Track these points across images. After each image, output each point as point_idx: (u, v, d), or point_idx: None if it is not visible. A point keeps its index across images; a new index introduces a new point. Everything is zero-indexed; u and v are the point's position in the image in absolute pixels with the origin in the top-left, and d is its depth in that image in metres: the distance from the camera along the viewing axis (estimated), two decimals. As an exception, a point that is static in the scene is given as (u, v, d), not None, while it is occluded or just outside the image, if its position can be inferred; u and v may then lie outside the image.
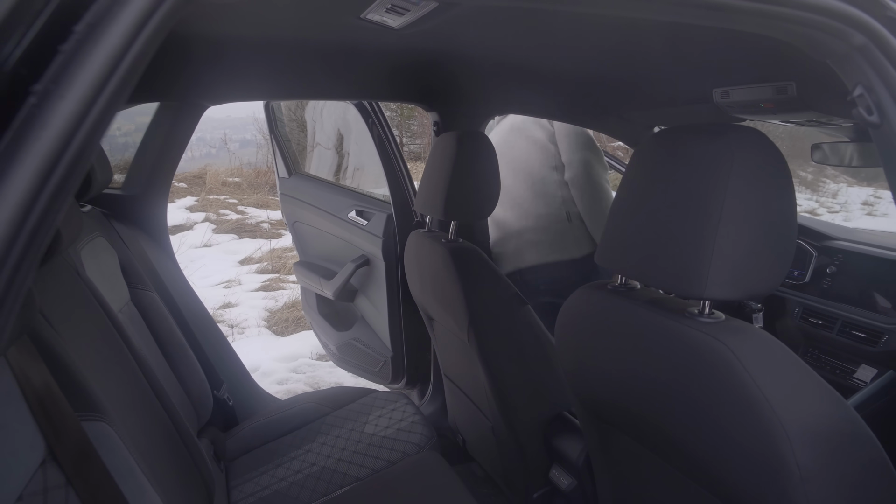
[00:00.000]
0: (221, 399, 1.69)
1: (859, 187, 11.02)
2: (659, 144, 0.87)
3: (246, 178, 9.02)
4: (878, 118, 0.61)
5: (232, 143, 10.87)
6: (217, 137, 11.26)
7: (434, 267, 1.48)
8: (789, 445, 0.67)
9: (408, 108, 13.27)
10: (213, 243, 6.50)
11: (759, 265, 0.76)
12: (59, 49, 0.36)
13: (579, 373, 1.05)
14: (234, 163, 9.67)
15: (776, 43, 1.22)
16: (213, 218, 7.19)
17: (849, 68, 0.61)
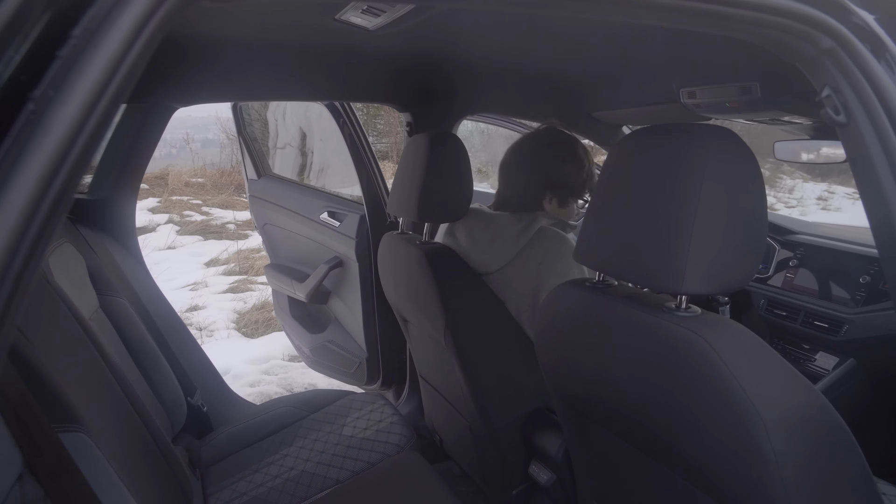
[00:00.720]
0: (195, 406, 1.67)
1: (814, 183, 11.40)
2: (634, 143, 0.89)
3: (210, 179, 8.85)
4: (844, 118, 0.63)
5: (194, 143, 10.64)
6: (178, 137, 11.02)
7: (409, 269, 1.48)
8: (765, 433, 0.70)
9: (374, 108, 13.19)
10: (177, 245, 6.38)
11: (733, 260, 0.79)
12: (57, 55, 0.36)
13: (558, 369, 1.06)
14: (197, 163, 9.48)
15: (741, 44, 1.26)
16: (177, 219, 7.05)
17: (817, 71, 0.64)
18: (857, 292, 1.66)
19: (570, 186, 1.47)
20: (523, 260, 1.39)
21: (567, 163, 1.45)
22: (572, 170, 1.45)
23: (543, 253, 1.37)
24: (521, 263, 1.39)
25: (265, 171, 2.70)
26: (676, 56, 1.44)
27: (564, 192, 1.47)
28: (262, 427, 1.68)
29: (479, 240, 1.45)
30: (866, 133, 0.62)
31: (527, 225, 1.40)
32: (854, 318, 1.64)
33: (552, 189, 1.46)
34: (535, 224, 1.41)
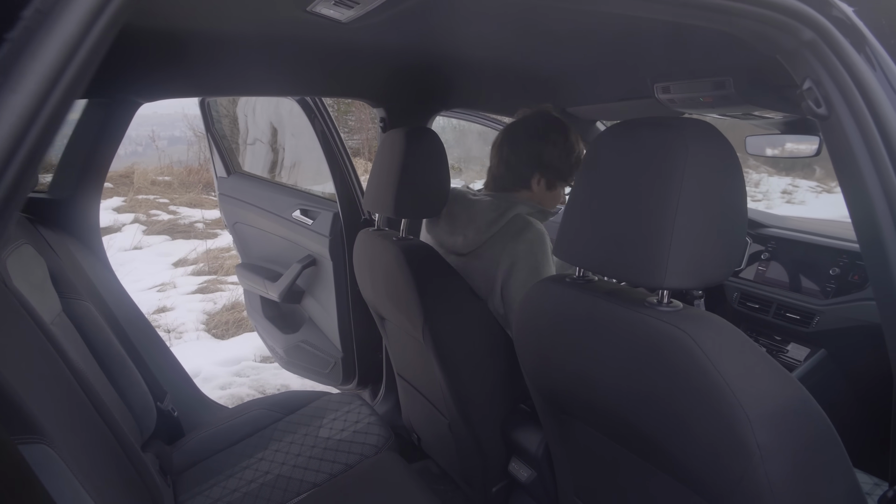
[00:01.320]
0: (165, 411, 1.62)
1: (779, 177, 11.67)
2: (614, 137, 0.88)
3: (177, 177, 8.68)
4: (825, 111, 0.63)
5: (160, 141, 10.42)
6: (144, 135, 10.80)
7: (386, 266, 1.45)
8: (749, 427, 0.70)
9: (345, 104, 13.07)
10: (143, 245, 6.23)
11: (714, 253, 0.79)
12: (5, 37, 0.33)
13: (539, 366, 1.05)
14: (164, 161, 9.28)
15: (715, 39, 1.27)
16: (143, 219, 6.89)
17: (797, 63, 0.63)
18: (827, 284, 1.69)
19: (559, 169, 1.49)
20: (492, 246, 1.40)
21: (558, 146, 1.47)
22: (563, 153, 1.48)
23: (513, 241, 1.38)
24: (490, 249, 1.40)
25: (235, 169, 2.64)
26: (651, 51, 1.44)
27: (553, 175, 1.49)
28: (236, 431, 1.64)
29: (455, 221, 1.47)
30: (847, 125, 0.62)
31: (503, 212, 1.41)
32: (825, 309, 1.67)
33: (542, 169, 1.48)
34: (512, 211, 1.41)
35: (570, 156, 1.49)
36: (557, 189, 1.53)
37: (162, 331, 4.13)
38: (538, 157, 1.47)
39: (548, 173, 1.49)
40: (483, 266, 1.41)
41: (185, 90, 1.56)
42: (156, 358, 1.73)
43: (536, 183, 1.50)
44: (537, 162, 1.48)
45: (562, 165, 1.49)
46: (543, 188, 1.50)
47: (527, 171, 1.48)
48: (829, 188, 11.98)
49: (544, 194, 1.52)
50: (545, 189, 1.51)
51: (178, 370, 1.82)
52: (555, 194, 1.53)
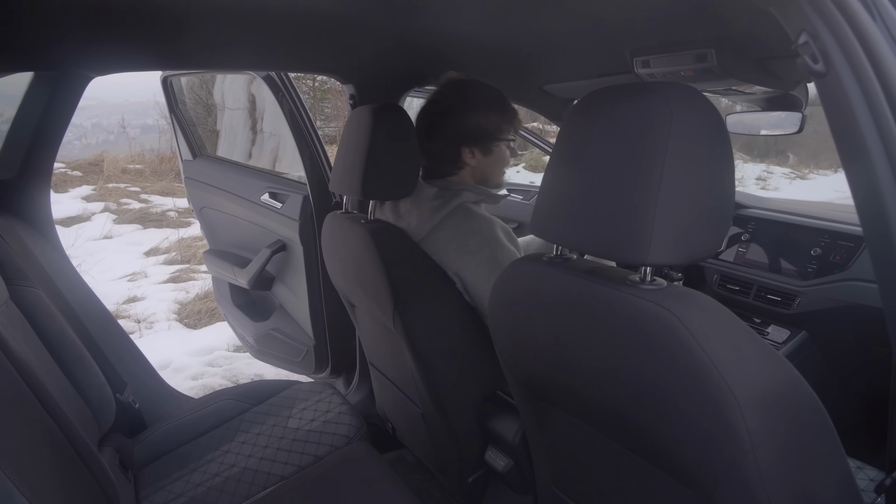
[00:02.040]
0: (125, 402, 1.54)
1: (753, 164, 11.77)
2: (592, 104, 0.82)
3: (149, 165, 8.48)
4: (823, 66, 0.58)
5: (132, 129, 10.21)
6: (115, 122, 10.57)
7: (354, 250, 1.39)
8: (739, 412, 0.65)
9: (321, 91, 12.89)
10: (114, 234, 6.07)
11: (700, 228, 0.73)
12: None
13: (514, 350, 1.00)
14: (135, 149, 9.06)
15: (696, 8, 1.21)
16: (114, 208, 6.72)
17: (792, 14, 0.58)
18: (808, 265, 1.66)
19: (484, 132, 1.39)
20: (438, 238, 1.34)
21: (470, 113, 1.38)
22: (479, 116, 1.38)
23: (455, 231, 1.32)
24: (437, 239, 1.34)
25: (201, 151, 2.54)
26: (630, 23, 1.38)
27: (482, 140, 1.39)
28: (201, 422, 1.56)
29: (399, 206, 1.42)
30: (847, 83, 0.56)
31: (447, 200, 1.35)
32: (806, 290, 1.64)
33: (467, 142, 1.38)
34: (456, 199, 1.35)
35: (490, 112, 1.39)
36: (495, 151, 1.42)
37: (132, 321, 4.02)
38: (455, 132, 1.38)
39: (473, 141, 1.38)
40: (436, 257, 1.35)
41: (140, 63, 1.46)
42: (115, 348, 1.64)
43: (470, 156, 1.39)
44: (457, 137, 1.38)
45: (484, 126, 1.38)
46: (480, 156, 1.40)
47: (452, 151, 1.39)
48: (803, 175, 12.13)
49: (485, 162, 1.41)
50: (483, 156, 1.40)
51: (139, 360, 1.74)
52: (496, 157, 1.42)
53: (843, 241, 1.62)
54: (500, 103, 1.43)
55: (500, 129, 1.41)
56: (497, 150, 1.43)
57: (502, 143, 1.43)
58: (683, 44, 1.36)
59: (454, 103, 1.40)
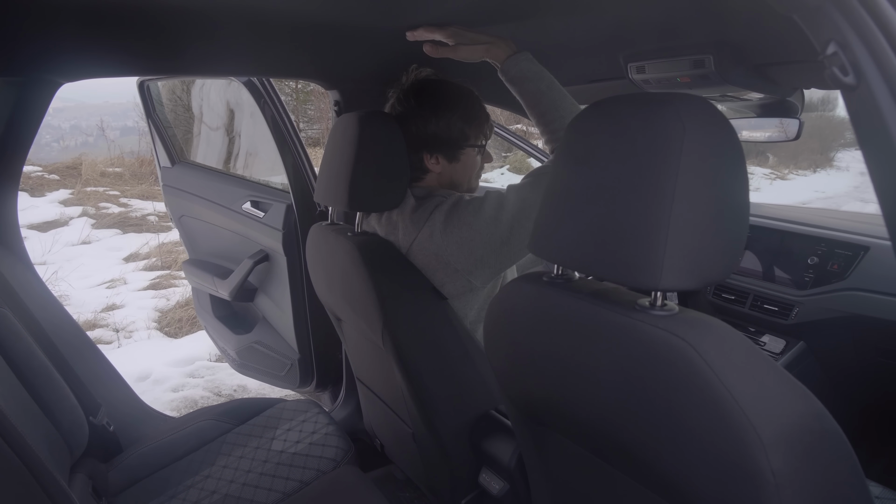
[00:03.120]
0: (99, 425, 1.46)
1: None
2: (598, 116, 0.77)
3: (128, 168, 8.34)
4: (854, 79, 0.53)
5: (111, 131, 10.04)
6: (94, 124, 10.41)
7: (340, 264, 1.32)
8: (763, 451, 0.60)
9: (304, 93, 12.77)
10: (92, 240, 5.95)
11: (715, 249, 0.68)
12: None
13: (512, 373, 0.94)
14: (115, 152, 8.91)
15: (693, 12, 1.17)
16: (92, 212, 6.58)
17: (820, 22, 0.53)
18: (805, 274, 1.63)
19: (444, 140, 1.32)
20: (421, 239, 1.27)
21: (429, 119, 1.30)
22: (441, 122, 1.30)
23: (431, 225, 1.25)
24: (421, 243, 1.27)
25: (180, 158, 2.45)
26: (626, 27, 1.33)
27: (445, 147, 1.32)
28: (180, 444, 1.49)
29: (387, 221, 1.36)
30: (880, 96, 0.52)
31: (427, 210, 1.28)
32: (804, 300, 1.60)
33: (427, 147, 1.32)
34: (433, 203, 1.28)
35: (450, 118, 1.31)
36: (462, 157, 1.34)
37: (111, 329, 3.92)
38: (414, 136, 1.31)
39: (435, 147, 1.32)
40: (423, 259, 1.28)
41: (112, 69, 1.39)
42: (88, 367, 1.56)
43: (434, 163, 1.33)
44: (417, 142, 1.31)
45: (443, 133, 1.31)
46: (445, 163, 1.33)
47: (414, 157, 1.32)
48: (783, 175, 12.26)
49: (451, 168, 1.34)
50: (448, 163, 1.34)
51: (114, 379, 1.66)
52: (464, 163, 1.35)
53: (841, 249, 1.59)
54: (464, 108, 1.33)
55: (463, 135, 1.33)
56: (464, 157, 1.35)
57: (469, 150, 1.35)
58: (680, 49, 1.32)
59: (411, 108, 1.32)
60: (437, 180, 1.36)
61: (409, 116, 1.32)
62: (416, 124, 1.31)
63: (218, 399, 2.96)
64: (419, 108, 1.32)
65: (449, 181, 1.37)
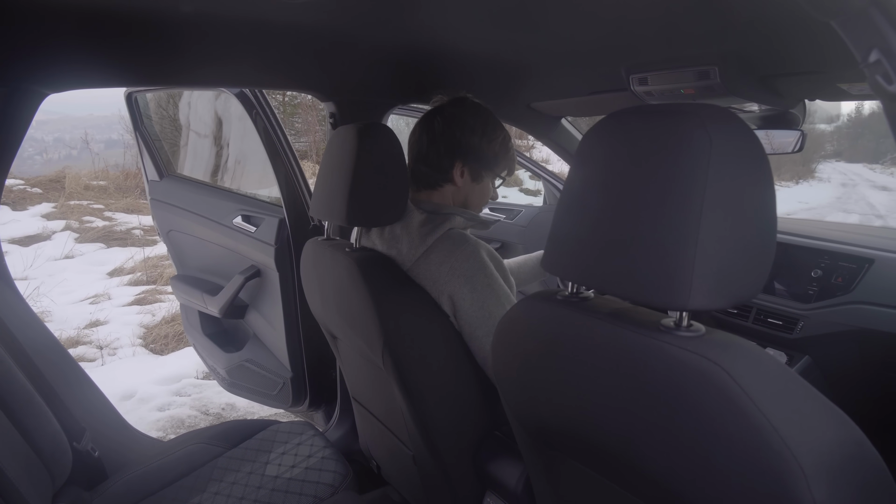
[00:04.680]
0: (83, 451, 1.39)
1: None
2: (615, 127, 0.73)
3: (113, 181, 8.24)
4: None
5: (96, 144, 9.94)
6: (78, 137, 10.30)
7: (338, 281, 1.28)
8: (805, 482, 0.56)
9: (291, 105, 12.72)
10: (76, 254, 5.84)
11: (745, 265, 0.65)
12: None
13: (523, 397, 0.90)
14: (99, 165, 8.80)
15: (698, 23, 1.15)
16: (76, 226, 6.48)
17: (862, 29, 0.51)
18: (808, 287, 1.61)
19: (481, 157, 1.35)
20: (429, 259, 1.25)
21: (477, 130, 1.34)
22: (483, 139, 1.34)
23: (446, 254, 1.23)
24: (428, 263, 1.25)
25: (168, 171, 2.40)
26: (626, 38, 1.31)
27: (476, 162, 1.35)
28: (169, 470, 1.42)
29: (387, 235, 1.32)
30: (929, 105, 0.49)
31: (437, 225, 1.28)
32: (809, 314, 1.58)
33: (462, 157, 1.33)
34: (446, 225, 1.28)
35: (494, 140, 1.36)
36: (484, 181, 1.38)
37: (94, 346, 3.82)
38: (457, 143, 1.33)
39: (470, 160, 1.34)
40: (425, 283, 1.26)
41: (101, 79, 1.34)
42: (72, 390, 1.49)
43: (459, 174, 1.34)
44: (456, 149, 1.33)
45: (484, 151, 1.35)
46: (468, 180, 1.35)
47: (447, 161, 1.33)
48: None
49: (470, 188, 1.36)
50: (470, 181, 1.36)
51: (99, 402, 1.59)
52: (482, 187, 1.38)
53: (845, 262, 1.57)
54: (506, 139, 1.39)
55: (496, 160, 1.37)
56: (485, 181, 1.38)
57: (492, 176, 1.39)
58: (685, 60, 1.30)
59: (465, 117, 1.34)
60: (453, 195, 1.37)
61: (458, 121, 1.33)
62: (462, 131, 1.33)
63: (206, 418, 2.89)
64: (471, 119, 1.34)
65: (464, 199, 1.38)
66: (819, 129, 14.95)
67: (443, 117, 1.34)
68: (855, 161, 33.85)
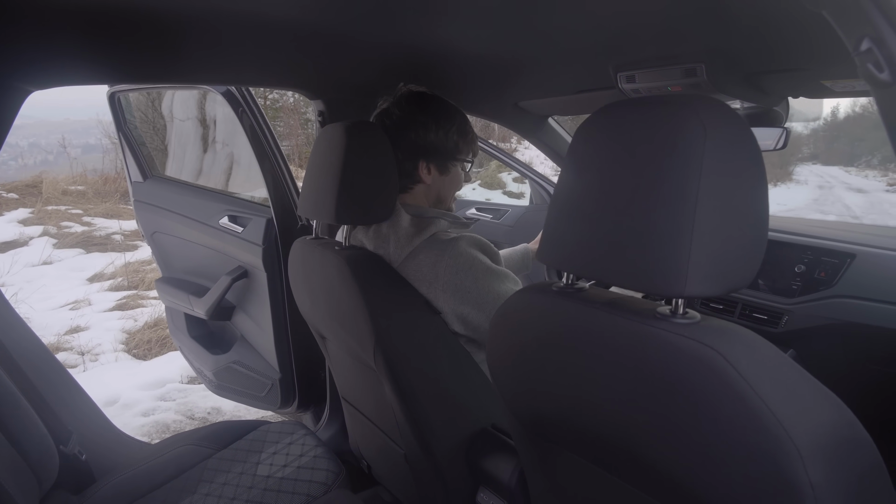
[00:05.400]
0: (70, 454, 1.37)
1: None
2: (610, 119, 0.74)
3: (91, 186, 8.12)
4: (889, 76, 0.52)
5: (73, 149, 9.79)
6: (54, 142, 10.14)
7: (327, 280, 1.27)
8: (801, 464, 0.57)
9: (273, 108, 12.65)
10: (54, 260, 5.74)
11: (739, 254, 0.66)
12: None
13: (520, 389, 0.91)
14: (77, 169, 8.67)
15: (685, 20, 1.16)
16: (54, 231, 6.37)
17: (853, 18, 0.52)
18: (792, 282, 1.64)
19: (441, 150, 1.34)
20: (417, 260, 1.25)
21: (430, 128, 1.33)
22: (439, 132, 1.33)
23: (439, 254, 1.24)
24: (417, 264, 1.25)
25: (152, 172, 2.37)
26: (614, 36, 1.33)
27: (439, 158, 1.34)
28: (158, 472, 1.40)
29: (374, 234, 1.33)
30: (919, 92, 0.51)
31: (422, 228, 1.28)
32: (793, 308, 1.61)
33: (424, 156, 1.33)
34: (431, 228, 1.28)
35: (450, 130, 1.34)
36: (451, 171, 1.37)
37: (75, 353, 3.76)
38: (414, 145, 1.32)
39: (432, 157, 1.34)
40: (417, 282, 1.26)
41: (87, 76, 1.32)
42: (58, 393, 1.47)
43: (426, 172, 1.34)
44: (415, 150, 1.33)
45: (443, 143, 1.34)
46: (437, 175, 1.35)
47: (409, 164, 1.33)
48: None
49: (440, 181, 1.36)
50: (438, 175, 1.36)
51: (86, 405, 1.56)
52: (452, 177, 1.38)
53: (827, 257, 1.60)
54: (461, 123, 1.37)
55: (458, 148, 1.37)
56: (454, 171, 1.38)
57: (459, 164, 1.38)
58: (672, 58, 1.32)
59: (414, 116, 1.33)
60: (425, 193, 1.36)
61: (409, 123, 1.32)
62: (416, 131, 1.32)
63: (191, 423, 2.85)
64: (422, 116, 1.32)
65: (436, 194, 1.38)
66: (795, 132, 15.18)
67: (392, 122, 1.33)
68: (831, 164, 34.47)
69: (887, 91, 0.53)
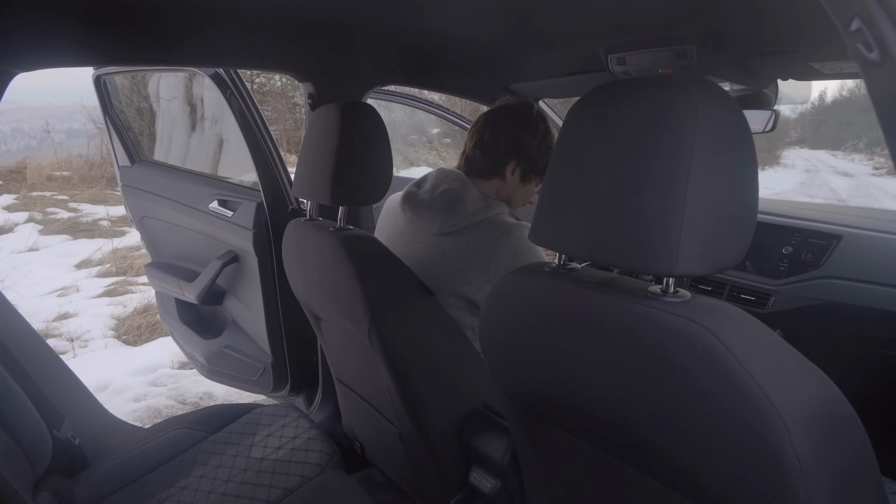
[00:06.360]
0: (63, 439, 1.37)
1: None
2: (602, 99, 0.74)
3: (77, 172, 8.03)
4: (878, 56, 0.53)
5: (57, 134, 9.65)
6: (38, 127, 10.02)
7: (322, 260, 1.27)
8: (788, 436, 0.59)
9: (260, 93, 12.51)
10: (40, 246, 5.69)
11: (729, 234, 0.67)
12: None
13: (512, 370, 0.92)
14: (62, 155, 8.56)
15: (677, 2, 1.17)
16: (39, 217, 6.31)
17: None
18: (780, 263, 1.66)
19: (535, 159, 1.44)
20: (478, 232, 1.32)
21: (538, 136, 1.42)
22: (541, 145, 1.43)
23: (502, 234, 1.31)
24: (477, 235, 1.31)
25: (140, 156, 2.35)
26: (605, 18, 1.33)
27: (528, 165, 1.43)
28: (152, 456, 1.41)
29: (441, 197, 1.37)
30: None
31: (490, 205, 1.36)
32: (780, 289, 1.63)
33: (519, 157, 1.42)
34: (495, 208, 1.36)
35: (549, 150, 1.44)
36: (530, 184, 1.46)
37: (64, 339, 3.74)
38: (517, 143, 1.41)
39: (524, 162, 1.42)
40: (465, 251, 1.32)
41: (73, 58, 1.30)
42: (50, 377, 1.47)
43: (511, 172, 1.43)
44: (516, 149, 1.41)
45: (538, 156, 1.43)
46: (517, 179, 1.44)
47: (503, 157, 1.41)
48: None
49: (517, 187, 1.45)
50: (518, 180, 1.44)
51: (78, 389, 1.56)
52: (526, 189, 1.47)
53: (814, 238, 1.62)
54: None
55: (544, 169, 1.45)
56: (531, 185, 1.47)
57: (537, 181, 1.47)
58: (663, 40, 1.32)
59: (529, 121, 1.42)
60: (497, 189, 1.44)
61: (523, 123, 1.42)
62: (525, 132, 1.41)
63: (183, 408, 2.86)
64: (536, 124, 1.42)
65: (508, 196, 1.46)
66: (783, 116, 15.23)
67: (510, 115, 1.42)
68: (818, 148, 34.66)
69: (876, 71, 0.54)
